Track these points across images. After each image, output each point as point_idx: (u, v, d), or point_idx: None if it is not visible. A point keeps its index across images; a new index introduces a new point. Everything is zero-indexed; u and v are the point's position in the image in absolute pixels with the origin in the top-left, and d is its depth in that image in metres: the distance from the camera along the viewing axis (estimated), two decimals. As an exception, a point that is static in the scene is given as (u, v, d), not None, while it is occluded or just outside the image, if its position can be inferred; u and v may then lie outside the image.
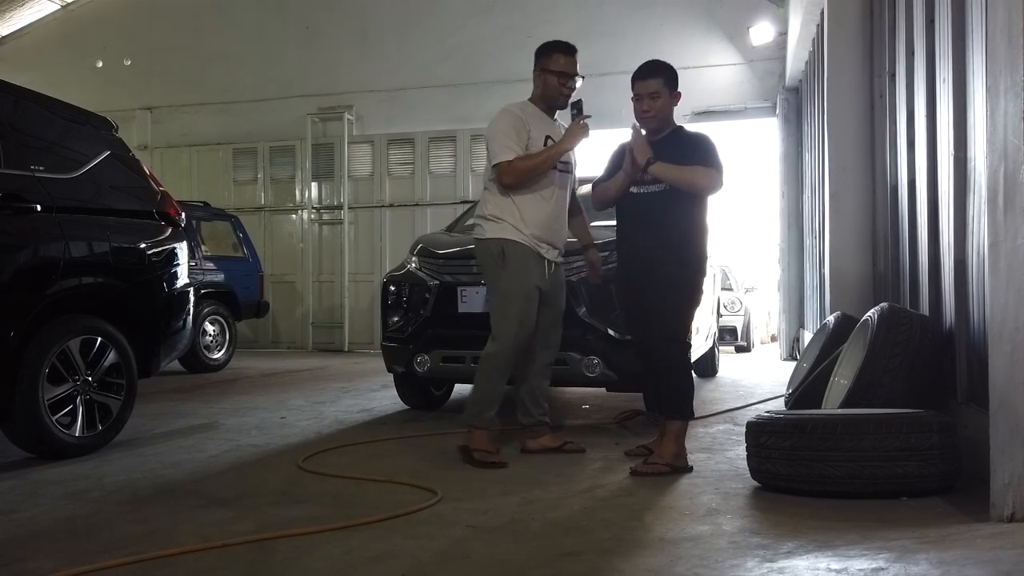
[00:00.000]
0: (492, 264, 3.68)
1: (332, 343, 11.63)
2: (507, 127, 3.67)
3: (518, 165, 3.62)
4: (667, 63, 3.66)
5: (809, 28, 7.55)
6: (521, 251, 3.65)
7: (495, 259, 3.67)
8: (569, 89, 3.76)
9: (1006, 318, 2.22)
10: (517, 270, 3.65)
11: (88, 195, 4.04)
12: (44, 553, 2.37)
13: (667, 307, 3.48)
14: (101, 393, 3.91)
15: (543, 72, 3.76)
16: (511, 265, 3.64)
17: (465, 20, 11.13)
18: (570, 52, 3.78)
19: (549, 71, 3.74)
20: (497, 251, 3.66)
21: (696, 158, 3.49)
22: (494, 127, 3.70)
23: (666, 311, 3.48)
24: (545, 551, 2.34)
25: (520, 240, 3.65)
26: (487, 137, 3.77)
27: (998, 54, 2.27)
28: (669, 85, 3.58)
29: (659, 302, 3.48)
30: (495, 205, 3.70)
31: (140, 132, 12.41)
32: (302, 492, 3.14)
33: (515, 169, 3.62)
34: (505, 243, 3.65)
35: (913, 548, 2.09)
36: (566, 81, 3.74)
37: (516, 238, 3.65)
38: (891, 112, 4.90)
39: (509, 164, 3.62)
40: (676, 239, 3.49)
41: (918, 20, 4.14)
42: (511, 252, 3.65)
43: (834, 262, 5.88)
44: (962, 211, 3.35)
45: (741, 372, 8.14)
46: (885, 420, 2.82)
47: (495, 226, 3.68)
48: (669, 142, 3.58)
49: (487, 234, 3.70)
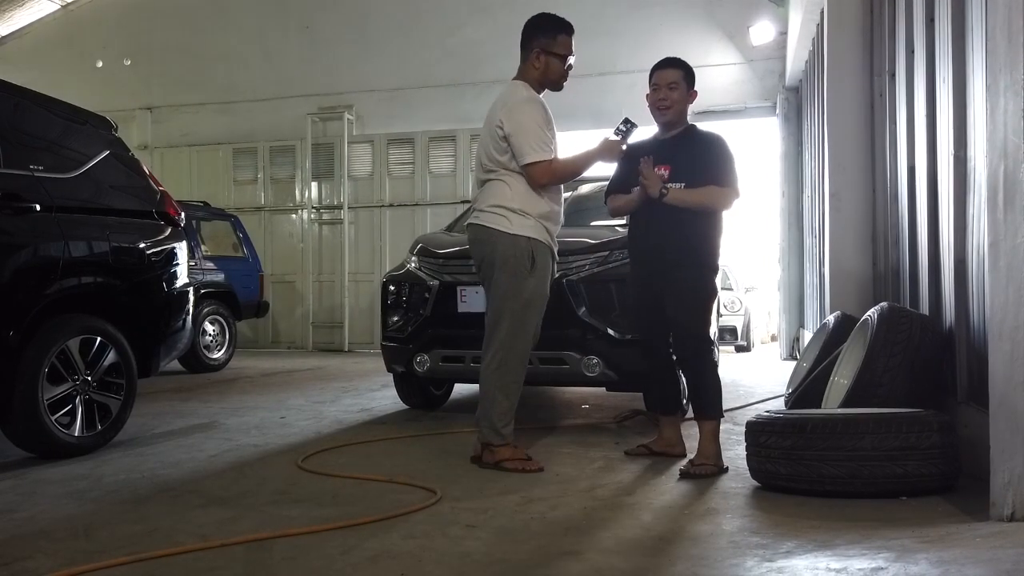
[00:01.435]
0: (520, 266, 3.41)
1: (332, 343, 11.63)
2: (542, 121, 3.43)
3: (558, 169, 3.45)
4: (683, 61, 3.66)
5: (809, 27, 7.55)
6: (545, 253, 3.49)
7: (524, 260, 3.41)
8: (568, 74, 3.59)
9: (1006, 317, 2.21)
10: (543, 276, 3.48)
11: (88, 195, 4.04)
12: (43, 552, 2.37)
13: (689, 308, 3.46)
14: (100, 393, 3.91)
15: (546, 55, 3.52)
16: (539, 270, 3.45)
17: (465, 20, 11.12)
18: (572, 32, 3.62)
19: (554, 54, 3.52)
20: (527, 252, 3.42)
21: (711, 169, 3.46)
22: (528, 118, 3.42)
23: (689, 312, 3.46)
24: (544, 551, 2.34)
25: (545, 241, 3.48)
26: (517, 126, 3.42)
27: (998, 52, 2.27)
28: (687, 80, 3.59)
29: (680, 304, 3.45)
30: (522, 198, 3.43)
31: (140, 132, 12.41)
32: (301, 492, 3.13)
33: (555, 172, 3.44)
34: (535, 244, 3.44)
35: (913, 547, 2.08)
36: (568, 65, 3.57)
37: (542, 238, 3.46)
38: (891, 111, 4.89)
39: (550, 165, 3.41)
40: (695, 242, 3.48)
41: (918, 19, 4.13)
42: (540, 255, 3.46)
43: (834, 261, 5.88)
44: (962, 210, 3.34)
45: (741, 372, 8.13)
46: (885, 419, 2.81)
47: (522, 221, 3.42)
48: (683, 143, 3.56)
49: (514, 229, 3.41)
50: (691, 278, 3.47)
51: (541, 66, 3.54)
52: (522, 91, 3.53)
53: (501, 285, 3.45)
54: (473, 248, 3.60)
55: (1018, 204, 2.10)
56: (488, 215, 3.48)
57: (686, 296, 3.45)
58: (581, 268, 4.50)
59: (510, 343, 3.44)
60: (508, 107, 3.48)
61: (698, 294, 3.48)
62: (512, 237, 3.42)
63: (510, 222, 3.43)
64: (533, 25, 3.62)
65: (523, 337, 3.47)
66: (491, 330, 3.49)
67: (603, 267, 4.49)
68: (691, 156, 3.50)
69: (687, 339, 3.48)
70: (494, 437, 3.46)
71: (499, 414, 3.45)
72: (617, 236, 4.55)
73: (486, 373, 3.49)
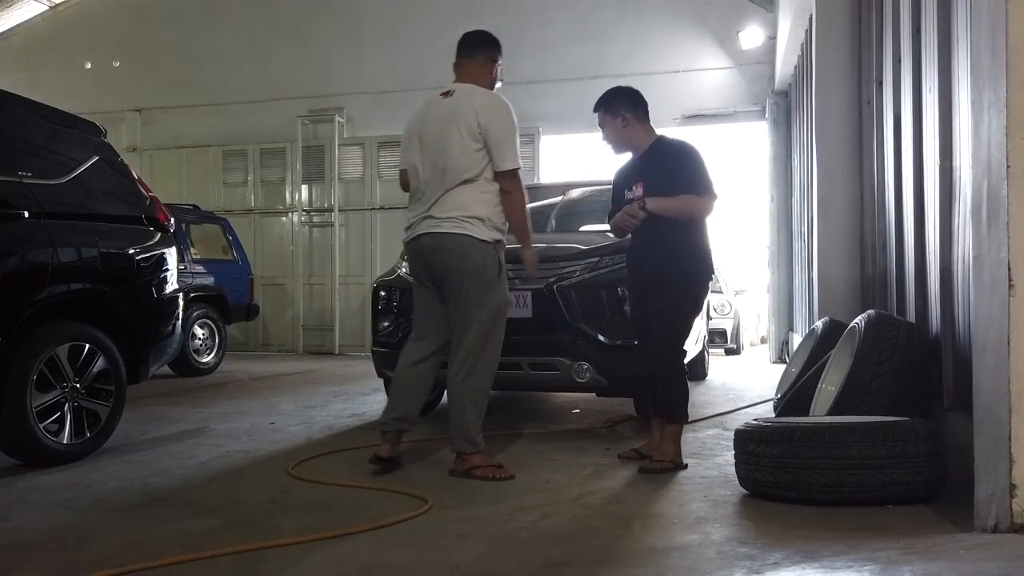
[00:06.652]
0: (491, 274, 3.42)
1: (322, 346, 11.61)
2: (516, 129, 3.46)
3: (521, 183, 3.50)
4: (613, 91, 3.76)
5: (798, 33, 7.59)
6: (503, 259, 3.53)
7: (493, 268, 3.42)
8: None
9: (990, 329, 2.24)
10: (504, 283, 3.55)
11: (76, 200, 4.02)
12: (31, 564, 2.36)
13: (666, 320, 3.61)
14: (89, 399, 3.89)
15: (495, 65, 3.63)
16: (503, 277, 3.51)
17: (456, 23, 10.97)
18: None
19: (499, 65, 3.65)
20: (496, 259, 3.43)
21: (684, 179, 3.57)
22: (510, 124, 3.42)
23: (665, 324, 3.61)
24: (534, 561, 2.35)
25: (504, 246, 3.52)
26: (503, 130, 3.39)
27: (982, 68, 2.30)
28: (611, 112, 3.70)
29: (658, 315, 3.61)
30: (488, 206, 3.42)
31: (129, 134, 12.35)
32: (292, 500, 3.13)
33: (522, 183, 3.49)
34: (499, 249, 3.46)
35: (898, 559, 2.10)
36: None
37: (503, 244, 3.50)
38: (878, 119, 4.93)
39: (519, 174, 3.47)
40: (673, 254, 3.59)
41: (904, 28, 4.17)
42: (502, 261, 3.50)
43: (822, 267, 5.91)
44: (948, 219, 3.37)
45: (731, 375, 8.17)
46: (872, 428, 2.84)
47: (490, 229, 3.43)
48: (651, 158, 3.70)
49: (483, 236, 3.39)
50: (671, 290, 3.59)
51: (494, 75, 3.64)
52: (497, 96, 3.54)
53: (471, 294, 3.41)
54: (435, 257, 3.46)
55: (1001, 219, 2.13)
56: (457, 223, 3.40)
57: (664, 308, 3.60)
58: (572, 274, 4.51)
59: (478, 351, 3.44)
60: (492, 109, 3.43)
61: (676, 306, 3.62)
62: (483, 244, 3.41)
63: (480, 230, 3.40)
64: (493, 38, 3.72)
65: (492, 345, 3.49)
66: (458, 338, 3.47)
67: (594, 273, 4.51)
68: (661, 169, 3.63)
69: (657, 350, 3.61)
70: (466, 446, 3.45)
71: (470, 422, 3.44)
72: (607, 242, 4.57)
73: (455, 383, 3.47)
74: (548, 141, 11.20)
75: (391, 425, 3.55)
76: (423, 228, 3.48)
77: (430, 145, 3.48)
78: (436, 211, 3.45)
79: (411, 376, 3.58)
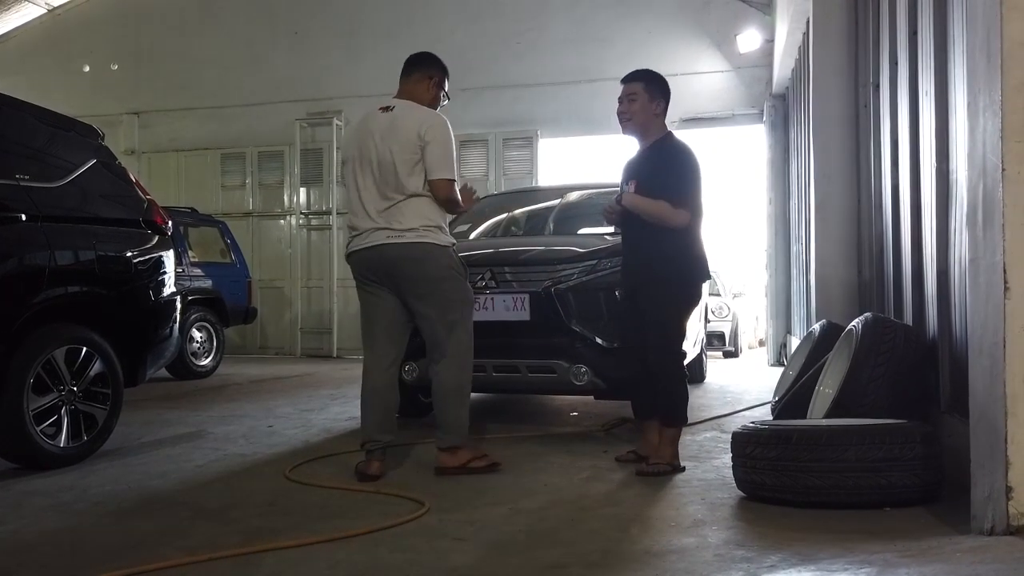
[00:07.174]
0: (459, 271, 3.59)
1: (320, 349, 11.60)
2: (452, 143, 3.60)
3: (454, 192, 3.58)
4: (656, 73, 3.73)
5: (795, 36, 7.61)
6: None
7: (459, 267, 3.60)
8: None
9: (985, 333, 2.24)
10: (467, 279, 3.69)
11: (74, 204, 4.03)
12: (27, 568, 2.36)
13: (658, 323, 3.59)
14: (86, 403, 3.89)
15: (431, 82, 3.69)
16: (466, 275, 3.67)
17: (454, 26, 11.13)
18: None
19: (443, 90, 3.74)
20: (458, 259, 3.61)
21: (668, 185, 3.55)
22: (448, 139, 3.55)
23: (657, 328, 3.59)
24: (531, 564, 2.35)
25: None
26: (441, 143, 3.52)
27: (977, 71, 2.30)
28: (649, 90, 3.65)
29: (651, 319, 3.59)
30: (439, 213, 3.57)
31: (127, 137, 12.36)
32: (289, 503, 3.13)
33: (454, 191, 3.57)
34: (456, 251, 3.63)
35: (894, 562, 2.11)
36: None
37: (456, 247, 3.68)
38: (875, 122, 4.94)
39: (454, 184, 3.57)
40: (664, 254, 3.58)
41: (901, 31, 4.18)
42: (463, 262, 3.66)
43: (819, 269, 5.93)
44: (944, 222, 3.38)
45: (729, 378, 8.17)
46: (868, 431, 2.84)
47: (447, 235, 3.61)
48: (650, 155, 3.69)
49: (444, 241, 3.55)
50: (661, 293, 3.58)
51: (435, 95, 3.71)
52: (434, 112, 3.65)
53: (447, 294, 3.53)
54: (402, 265, 3.50)
55: (997, 223, 2.13)
56: (419, 232, 3.49)
57: (656, 312, 3.59)
58: (569, 277, 4.52)
59: (462, 346, 3.57)
60: (432, 125, 3.53)
61: (667, 310, 3.61)
62: (445, 248, 3.56)
63: (440, 236, 3.55)
64: (442, 64, 3.77)
65: (470, 338, 3.61)
66: (442, 339, 3.54)
67: (591, 276, 4.51)
68: (653, 169, 3.62)
69: (654, 353, 3.61)
70: (457, 440, 3.55)
71: (463, 416, 3.58)
72: (605, 245, 4.58)
73: (441, 379, 3.54)
74: (546, 144, 11.21)
75: (375, 444, 3.57)
76: (378, 239, 3.52)
77: (371, 159, 3.55)
78: (392, 222, 3.50)
79: (379, 390, 3.60)
